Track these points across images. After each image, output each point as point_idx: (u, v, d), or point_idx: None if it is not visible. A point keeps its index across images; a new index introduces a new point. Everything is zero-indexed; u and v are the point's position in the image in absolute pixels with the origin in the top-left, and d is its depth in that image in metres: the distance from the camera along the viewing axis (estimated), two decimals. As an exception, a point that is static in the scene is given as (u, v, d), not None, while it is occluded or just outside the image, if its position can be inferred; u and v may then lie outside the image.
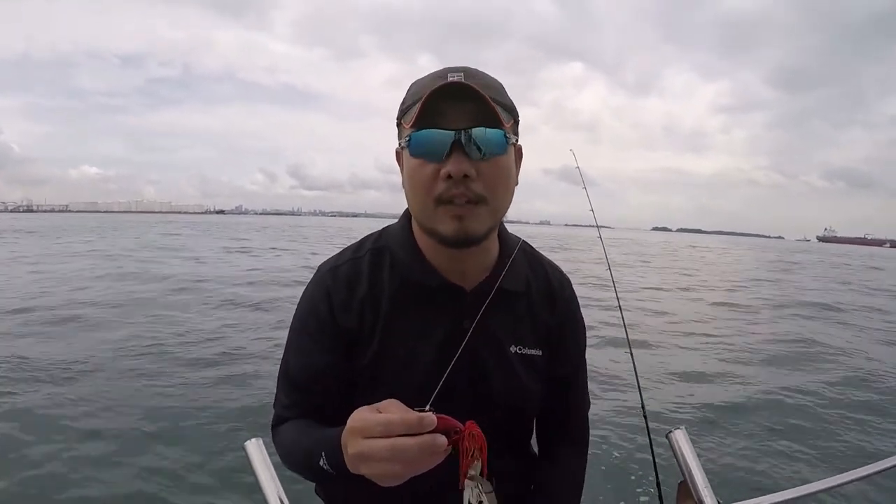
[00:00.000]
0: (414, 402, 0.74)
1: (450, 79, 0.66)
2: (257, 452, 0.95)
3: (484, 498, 0.58)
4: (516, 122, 0.73)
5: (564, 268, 0.94)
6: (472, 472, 0.57)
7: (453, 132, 0.65)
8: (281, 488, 0.88)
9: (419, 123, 0.66)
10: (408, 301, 0.76)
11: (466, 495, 0.59)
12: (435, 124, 0.65)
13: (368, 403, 0.75)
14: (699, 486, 0.93)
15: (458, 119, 0.65)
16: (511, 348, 0.79)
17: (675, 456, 0.97)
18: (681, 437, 0.97)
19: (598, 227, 1.68)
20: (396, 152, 0.75)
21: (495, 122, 0.66)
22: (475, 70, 0.70)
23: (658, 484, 1.17)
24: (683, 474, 0.95)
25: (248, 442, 0.97)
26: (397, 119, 0.73)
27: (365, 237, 0.84)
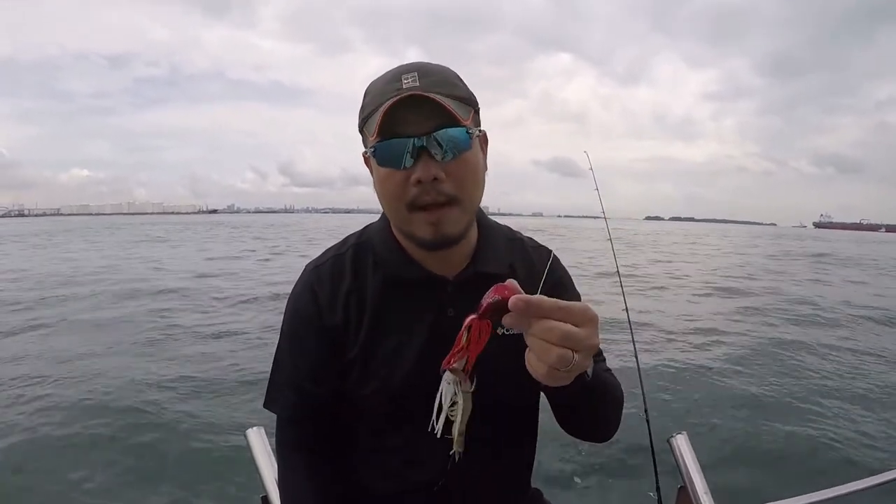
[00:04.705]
0: (403, 392, 0.73)
1: (404, 84, 0.67)
2: (258, 441, 1.00)
3: (460, 397, 0.57)
4: (476, 111, 0.73)
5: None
6: (456, 365, 0.56)
7: (416, 139, 0.66)
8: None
9: (382, 134, 0.67)
10: (392, 294, 0.77)
11: (443, 388, 0.57)
12: (397, 133, 0.67)
13: (359, 395, 0.76)
14: (699, 492, 0.91)
15: (420, 124, 0.67)
16: (498, 330, 0.78)
17: (676, 461, 0.95)
18: (682, 442, 0.96)
19: (610, 239, 1.69)
20: (364, 157, 0.76)
21: (456, 121, 0.67)
22: (428, 67, 0.70)
23: (658, 489, 1.16)
24: (683, 479, 0.94)
25: (250, 430, 1.02)
26: (359, 126, 0.74)
27: (347, 236, 0.85)
